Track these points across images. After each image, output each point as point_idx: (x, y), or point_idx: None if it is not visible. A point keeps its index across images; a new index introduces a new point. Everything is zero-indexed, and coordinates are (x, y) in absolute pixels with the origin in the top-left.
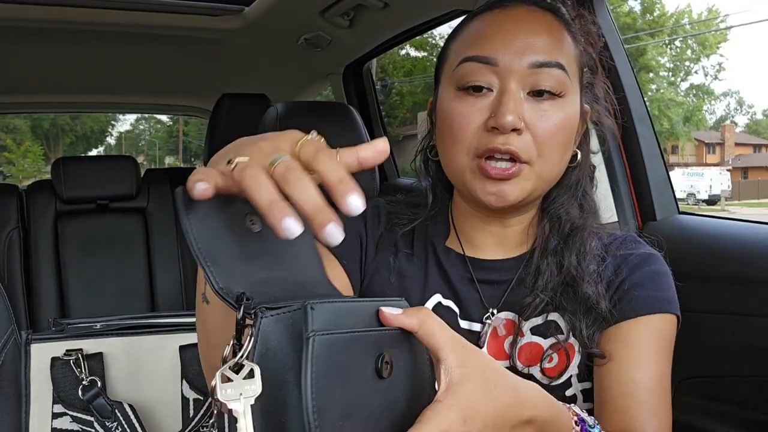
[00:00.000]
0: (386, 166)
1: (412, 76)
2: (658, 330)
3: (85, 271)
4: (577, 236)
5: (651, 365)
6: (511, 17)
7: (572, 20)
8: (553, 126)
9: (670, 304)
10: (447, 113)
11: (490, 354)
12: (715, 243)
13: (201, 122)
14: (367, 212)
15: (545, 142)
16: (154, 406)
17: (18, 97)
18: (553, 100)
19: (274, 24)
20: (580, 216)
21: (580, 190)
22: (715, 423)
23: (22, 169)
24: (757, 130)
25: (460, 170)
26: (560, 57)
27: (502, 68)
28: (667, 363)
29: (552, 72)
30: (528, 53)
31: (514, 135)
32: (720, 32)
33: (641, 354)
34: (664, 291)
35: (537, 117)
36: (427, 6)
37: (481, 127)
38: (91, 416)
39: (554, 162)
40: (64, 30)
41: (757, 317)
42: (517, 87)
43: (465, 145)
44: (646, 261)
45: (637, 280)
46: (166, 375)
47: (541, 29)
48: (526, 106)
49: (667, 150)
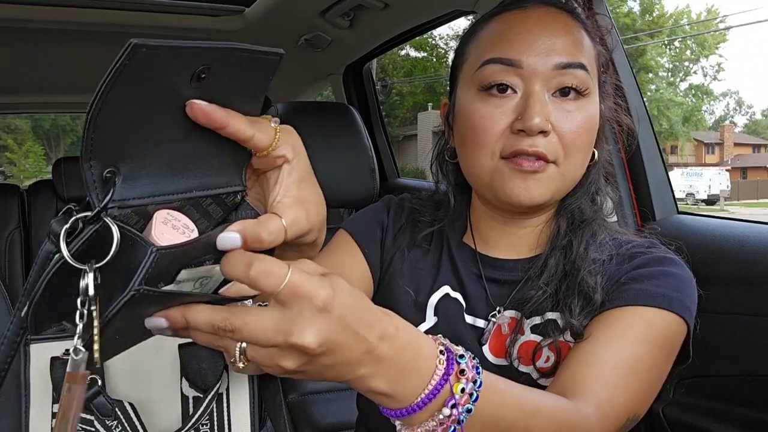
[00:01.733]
0: (386, 166)
1: (412, 76)
2: (648, 321)
3: None
4: (586, 228)
5: (624, 347)
6: (532, 18)
7: (587, 19)
8: (578, 126)
9: (671, 302)
10: (469, 116)
11: (492, 351)
12: (715, 243)
13: None
14: (392, 204)
15: (571, 143)
16: (153, 404)
17: (19, 97)
18: (578, 100)
19: (275, 24)
20: (591, 209)
21: (594, 187)
22: (715, 423)
23: (24, 170)
24: (756, 130)
25: (484, 172)
26: (582, 57)
27: (527, 70)
28: (649, 354)
29: (576, 73)
30: (552, 54)
31: (541, 137)
32: (719, 33)
33: (617, 335)
34: (667, 289)
35: (562, 118)
36: (427, 6)
37: (506, 130)
38: (91, 415)
39: (578, 162)
40: (65, 30)
41: (756, 317)
42: (542, 89)
43: (489, 148)
44: (657, 261)
45: (636, 275)
46: (165, 373)
47: (561, 30)
48: (551, 107)
49: (667, 150)
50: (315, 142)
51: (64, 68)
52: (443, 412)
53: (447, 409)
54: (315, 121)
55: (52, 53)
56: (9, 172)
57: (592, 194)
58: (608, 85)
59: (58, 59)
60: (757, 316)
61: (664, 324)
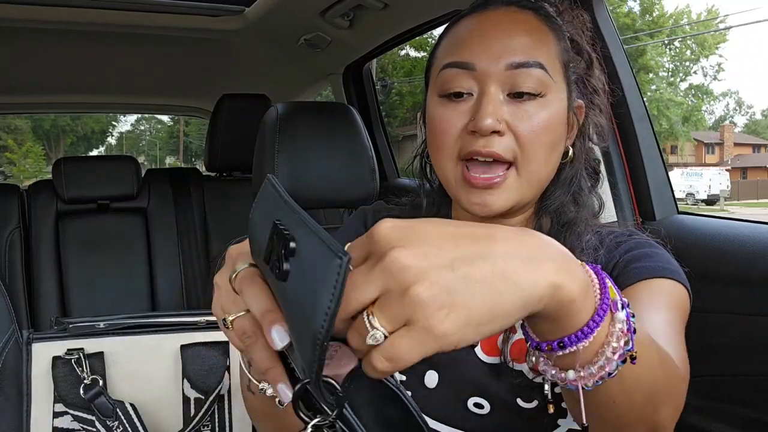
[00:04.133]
0: (386, 166)
1: (412, 76)
2: (665, 289)
3: (86, 271)
4: (571, 230)
5: (658, 314)
6: (489, 20)
7: (558, 15)
8: (536, 125)
9: (673, 273)
10: (432, 119)
11: (483, 350)
12: (714, 243)
13: (201, 122)
14: (368, 215)
15: (528, 142)
16: (155, 405)
17: (19, 97)
18: (534, 100)
19: (275, 24)
20: (573, 210)
21: (575, 185)
22: (715, 423)
23: (24, 170)
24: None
25: (447, 177)
26: (540, 56)
27: (480, 72)
28: (678, 317)
29: (531, 72)
30: (505, 55)
31: (496, 137)
32: (719, 33)
33: (645, 306)
34: (663, 262)
35: (518, 117)
36: (427, 6)
37: (462, 131)
38: (92, 415)
39: (540, 162)
40: (65, 30)
41: (756, 317)
42: (497, 89)
43: (449, 151)
44: (641, 244)
45: (632, 257)
46: (167, 374)
47: (518, 30)
48: (506, 108)
49: (667, 150)
50: (315, 142)
51: (64, 68)
52: (618, 317)
53: (620, 313)
54: (315, 121)
55: (52, 53)
56: (9, 172)
57: (573, 193)
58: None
59: (58, 59)
60: (757, 316)
61: (677, 291)
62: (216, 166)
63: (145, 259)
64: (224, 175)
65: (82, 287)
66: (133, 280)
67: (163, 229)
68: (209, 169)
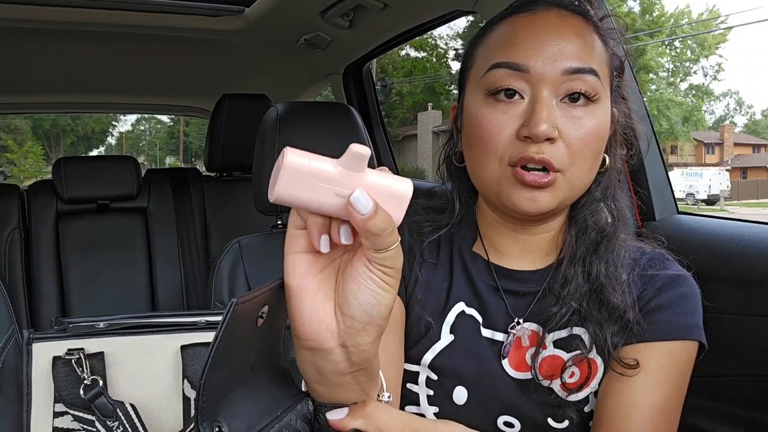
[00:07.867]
0: (386, 166)
1: (412, 76)
2: (675, 357)
3: (85, 270)
4: (607, 245)
5: (657, 392)
6: (541, 21)
7: (600, 21)
8: (587, 134)
9: (692, 330)
10: (476, 120)
11: (511, 365)
12: (714, 243)
13: (202, 122)
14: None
15: (578, 151)
16: (155, 406)
17: (19, 97)
18: (587, 106)
19: (274, 25)
20: (611, 224)
21: (610, 196)
22: (715, 423)
23: (24, 170)
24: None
25: (492, 179)
26: (593, 62)
27: (534, 75)
28: (677, 390)
29: (586, 78)
30: (561, 59)
31: (548, 144)
32: (719, 33)
33: (650, 379)
34: (688, 316)
35: (570, 125)
36: (427, 6)
37: (513, 136)
38: (92, 415)
39: (585, 170)
40: (65, 30)
41: (756, 317)
42: (550, 94)
43: (497, 154)
44: (674, 282)
45: (662, 302)
46: (167, 374)
47: (572, 34)
48: (558, 114)
49: (667, 150)
50: (315, 142)
51: (64, 68)
52: None
53: None
54: (315, 121)
55: (52, 53)
56: (9, 172)
57: (609, 205)
58: (622, 89)
59: (58, 59)
60: (758, 316)
61: (687, 355)
62: (216, 166)
63: (145, 259)
64: (224, 175)
65: (82, 287)
66: (132, 280)
67: (162, 229)
68: (209, 169)
